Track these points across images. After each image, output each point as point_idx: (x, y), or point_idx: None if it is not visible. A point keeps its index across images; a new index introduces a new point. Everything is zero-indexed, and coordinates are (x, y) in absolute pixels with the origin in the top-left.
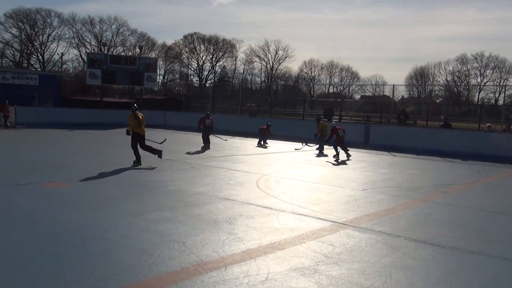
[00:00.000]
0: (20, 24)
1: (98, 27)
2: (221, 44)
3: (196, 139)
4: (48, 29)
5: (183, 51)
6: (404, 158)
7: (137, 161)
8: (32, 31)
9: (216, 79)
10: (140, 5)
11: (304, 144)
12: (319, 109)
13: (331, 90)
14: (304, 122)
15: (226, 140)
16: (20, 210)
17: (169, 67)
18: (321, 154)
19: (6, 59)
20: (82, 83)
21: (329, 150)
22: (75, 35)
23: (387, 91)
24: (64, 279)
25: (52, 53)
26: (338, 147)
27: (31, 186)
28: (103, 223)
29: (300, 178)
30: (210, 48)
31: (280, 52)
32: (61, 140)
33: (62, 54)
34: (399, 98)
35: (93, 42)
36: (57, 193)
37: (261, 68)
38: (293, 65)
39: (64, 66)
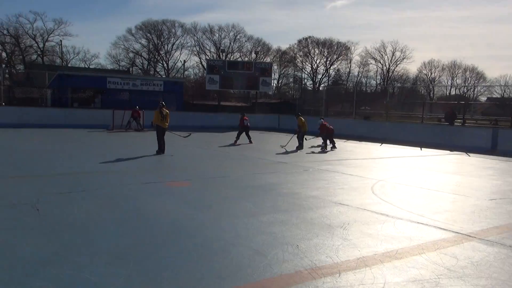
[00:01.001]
0: (148, 35)
1: (217, 35)
2: (335, 47)
3: (307, 142)
4: (172, 39)
5: (297, 55)
6: None
7: (160, 150)
8: (158, 41)
9: (330, 82)
10: (256, 12)
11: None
12: (439, 112)
13: (453, 92)
14: (422, 125)
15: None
16: (145, 207)
17: (283, 71)
18: (300, 148)
19: (136, 67)
20: (202, 88)
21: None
22: (196, 43)
23: None
24: (185, 274)
25: (176, 61)
26: (328, 140)
27: (155, 184)
28: (219, 222)
29: (418, 185)
30: (324, 52)
31: (397, 54)
32: (182, 142)
33: (184, 61)
34: None
35: (212, 49)
36: (178, 192)
37: (377, 70)
38: (411, 67)
39: (186, 72)
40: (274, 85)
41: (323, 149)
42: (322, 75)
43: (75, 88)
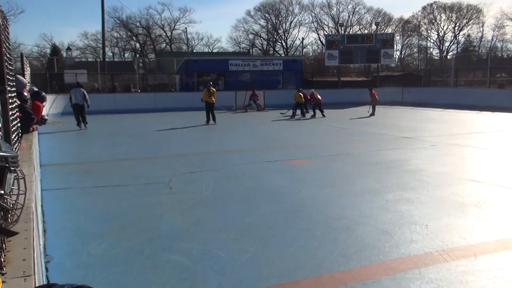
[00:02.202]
0: (267, 15)
1: (335, 9)
2: (465, 11)
3: (434, 115)
4: (290, 17)
5: (421, 23)
6: None
7: (207, 121)
8: (276, 20)
9: (459, 49)
10: None
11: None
12: None
13: None
14: None
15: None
16: (268, 185)
17: (406, 41)
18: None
19: (255, 48)
20: (321, 64)
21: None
22: (314, 20)
23: None
24: (308, 252)
25: (294, 39)
26: (316, 108)
27: (277, 163)
28: (342, 201)
29: None
30: (452, 17)
31: None
32: (302, 120)
33: (303, 39)
34: None
35: (330, 24)
36: (299, 170)
37: None
38: None
39: (305, 50)
40: (397, 57)
41: (312, 115)
42: (450, 43)
43: (200, 72)
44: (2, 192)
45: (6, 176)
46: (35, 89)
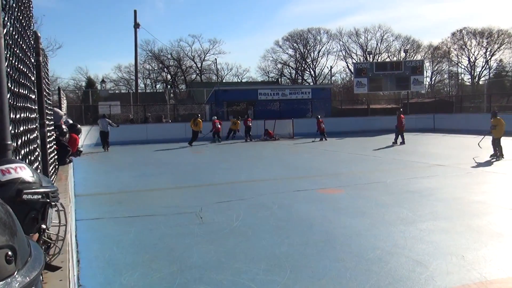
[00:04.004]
0: (295, 44)
1: (363, 37)
2: (496, 36)
3: (469, 141)
4: (318, 46)
5: (451, 49)
6: None
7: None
8: (304, 49)
9: (491, 75)
10: (402, 9)
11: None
12: None
13: None
14: None
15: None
16: (299, 215)
17: (436, 67)
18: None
19: (284, 77)
20: (350, 92)
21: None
22: (342, 48)
23: None
24: (341, 284)
25: (322, 67)
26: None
27: (307, 192)
28: (375, 230)
29: None
30: (483, 42)
31: None
32: (331, 148)
33: (331, 67)
34: None
35: (359, 52)
36: (331, 199)
37: None
38: None
39: (333, 78)
40: (427, 83)
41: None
42: (482, 68)
43: (230, 101)
44: (44, 226)
45: (48, 211)
46: (70, 121)
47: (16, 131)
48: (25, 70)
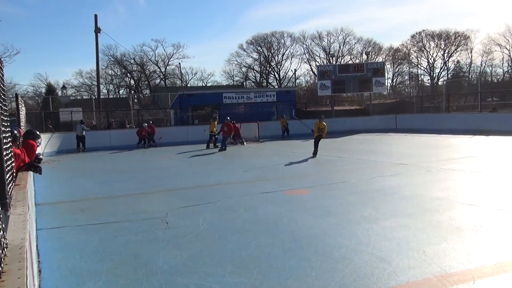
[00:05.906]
0: (259, 48)
1: (326, 40)
2: (453, 38)
3: (429, 141)
4: (282, 49)
5: (411, 51)
6: None
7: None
8: (268, 53)
9: (449, 76)
10: (363, 13)
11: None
12: None
13: None
14: None
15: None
16: (266, 217)
17: (397, 69)
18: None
19: (249, 81)
20: (314, 95)
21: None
22: (305, 51)
23: None
24: (307, 283)
25: (287, 70)
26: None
27: (275, 193)
28: (340, 229)
29: None
30: (440, 44)
31: None
32: (294, 150)
33: (295, 70)
34: None
35: (322, 55)
36: (298, 200)
37: (503, 58)
38: None
39: (297, 81)
40: (389, 84)
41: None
42: (441, 69)
43: (195, 105)
44: None
45: None
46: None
47: None
48: None
